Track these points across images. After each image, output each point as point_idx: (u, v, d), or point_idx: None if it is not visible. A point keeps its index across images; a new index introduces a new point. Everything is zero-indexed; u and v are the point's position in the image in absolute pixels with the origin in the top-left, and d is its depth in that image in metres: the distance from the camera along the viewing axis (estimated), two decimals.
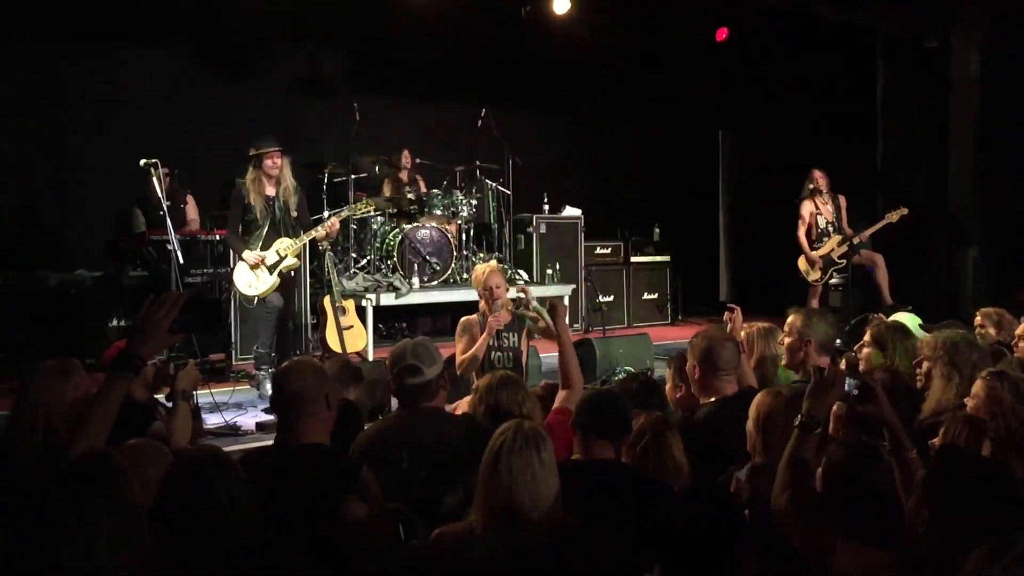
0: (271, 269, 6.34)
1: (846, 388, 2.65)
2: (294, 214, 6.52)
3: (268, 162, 6.38)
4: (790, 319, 4.26)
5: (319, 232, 6.52)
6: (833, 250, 8.58)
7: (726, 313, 4.65)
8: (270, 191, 6.43)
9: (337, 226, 6.73)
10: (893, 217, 8.41)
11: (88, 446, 2.11)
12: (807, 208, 8.65)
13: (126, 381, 2.25)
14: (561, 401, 3.74)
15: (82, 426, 2.20)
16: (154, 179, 5.87)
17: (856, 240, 8.53)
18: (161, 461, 2.52)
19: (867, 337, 4.14)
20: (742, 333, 4.33)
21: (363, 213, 6.79)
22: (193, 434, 3.74)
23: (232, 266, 6.66)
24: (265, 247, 6.37)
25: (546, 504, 2.40)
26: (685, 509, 2.23)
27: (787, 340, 4.15)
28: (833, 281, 8.92)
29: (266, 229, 6.37)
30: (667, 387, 4.13)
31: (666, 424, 3.15)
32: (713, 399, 3.64)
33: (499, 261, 8.97)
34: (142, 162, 5.86)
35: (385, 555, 2.57)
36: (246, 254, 6.31)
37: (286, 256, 6.38)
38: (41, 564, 1.76)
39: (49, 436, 3.00)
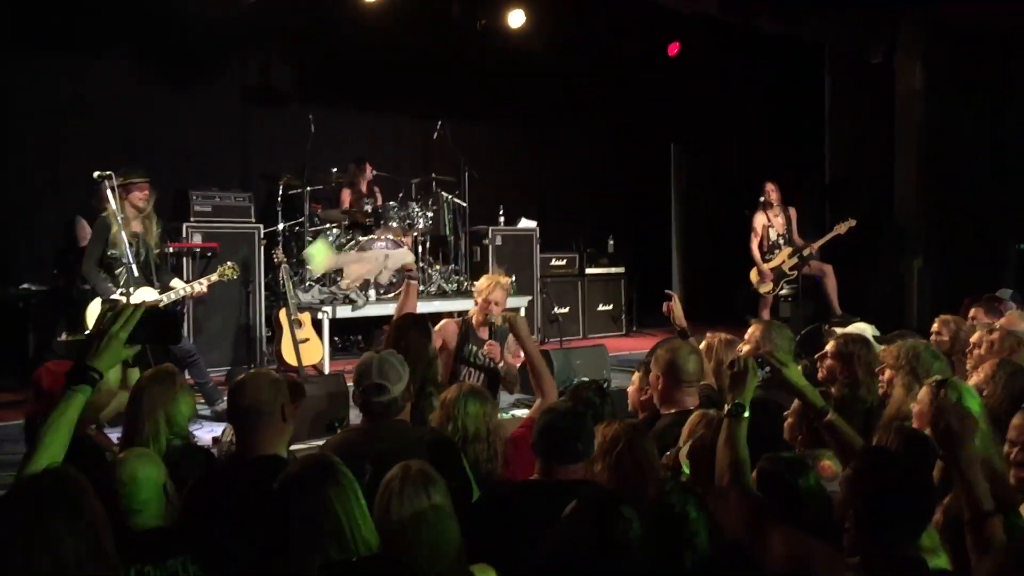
0: None
1: (759, 374, 2.92)
2: (156, 251, 6.09)
3: (137, 194, 5.94)
4: (750, 330, 4.38)
5: (187, 291, 6.04)
6: (784, 262, 8.73)
7: (665, 304, 4.71)
8: (136, 227, 5.95)
9: (206, 292, 6.23)
10: (842, 229, 8.59)
11: (47, 462, 2.07)
12: (759, 220, 8.80)
13: (83, 395, 2.21)
14: (533, 411, 3.73)
15: (40, 442, 2.15)
16: (108, 191, 5.73)
17: (807, 252, 8.69)
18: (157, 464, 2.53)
19: (829, 349, 4.18)
20: (703, 343, 4.39)
21: (229, 278, 6.52)
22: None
23: (129, 290, 5.88)
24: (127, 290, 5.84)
25: (448, 554, 2.31)
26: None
27: (745, 348, 4.23)
28: (783, 292, 9.09)
29: (132, 270, 5.81)
30: (631, 388, 4.16)
31: (638, 430, 3.16)
32: (673, 411, 3.67)
33: (456, 273, 9.03)
34: (96, 174, 5.72)
35: None
36: (119, 299, 5.68)
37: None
38: None
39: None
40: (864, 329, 5.01)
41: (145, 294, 5.95)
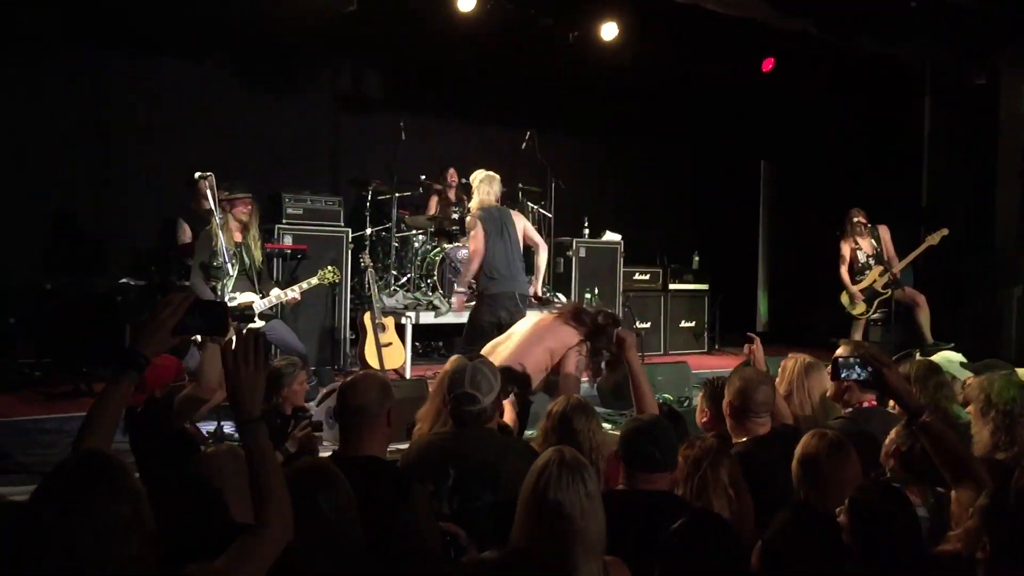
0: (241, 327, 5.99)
1: (855, 376, 2.94)
2: (259, 258, 6.38)
3: (241, 208, 6.24)
4: (837, 352, 4.25)
5: (283, 297, 6.30)
6: (875, 281, 8.52)
7: (746, 345, 4.60)
8: (238, 237, 6.26)
9: (298, 298, 6.48)
10: (934, 239, 8.40)
11: (93, 445, 2.10)
12: (846, 247, 8.63)
13: (129, 380, 2.23)
14: None
15: (87, 426, 2.18)
16: (208, 191, 5.91)
17: (896, 268, 8.49)
18: (241, 467, 2.55)
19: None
20: (780, 364, 4.30)
21: (330, 282, 6.73)
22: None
23: (235, 296, 6.17)
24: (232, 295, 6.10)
25: (595, 540, 2.28)
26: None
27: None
28: (875, 316, 8.85)
29: (235, 278, 6.13)
30: (698, 410, 4.12)
31: (723, 451, 3.10)
32: (745, 439, 3.61)
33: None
34: (196, 175, 5.91)
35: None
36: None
37: (253, 317, 6.15)
38: (53, 549, 1.74)
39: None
40: (950, 357, 4.85)
41: (247, 298, 6.18)
